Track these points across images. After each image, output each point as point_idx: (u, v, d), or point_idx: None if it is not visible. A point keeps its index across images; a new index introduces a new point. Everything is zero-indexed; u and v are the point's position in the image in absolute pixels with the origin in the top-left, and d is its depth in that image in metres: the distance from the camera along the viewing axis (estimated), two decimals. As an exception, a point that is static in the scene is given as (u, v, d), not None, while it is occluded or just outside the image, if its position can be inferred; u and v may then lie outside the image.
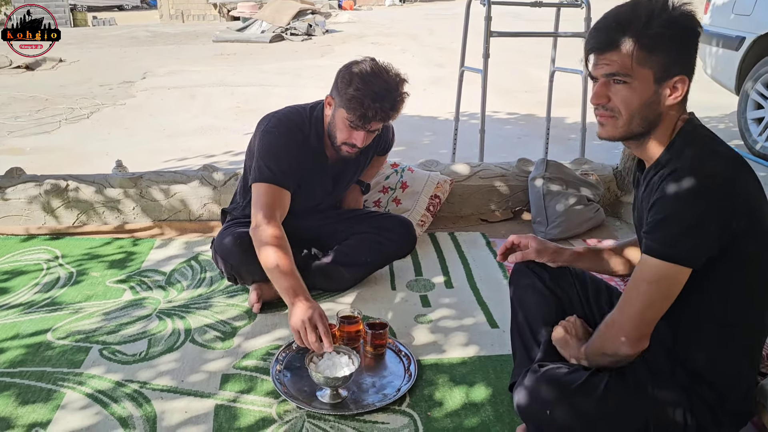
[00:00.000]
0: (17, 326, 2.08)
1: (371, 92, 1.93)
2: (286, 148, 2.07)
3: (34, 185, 2.84)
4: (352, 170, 2.36)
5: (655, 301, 1.27)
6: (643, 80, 1.26)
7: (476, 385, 1.78)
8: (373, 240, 2.32)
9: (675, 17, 1.24)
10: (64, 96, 6.97)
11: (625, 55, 1.25)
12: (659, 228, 1.23)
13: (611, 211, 3.12)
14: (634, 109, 1.28)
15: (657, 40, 1.23)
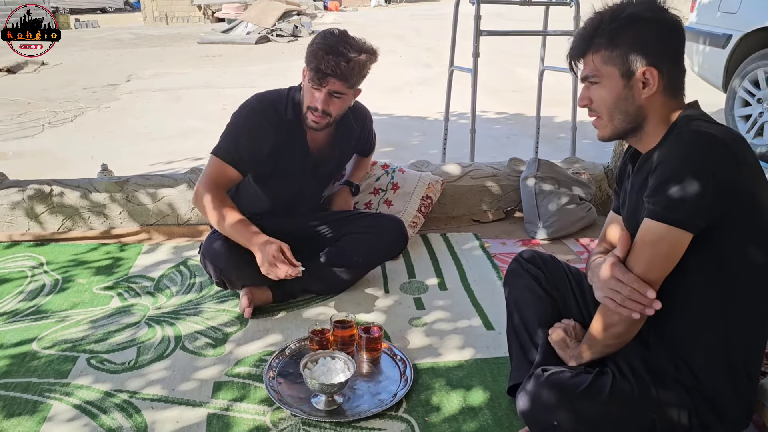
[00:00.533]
0: (1, 336, 2.02)
1: (327, 46, 1.97)
2: (249, 126, 2.09)
3: (17, 191, 2.78)
4: (332, 161, 2.32)
5: (656, 263, 1.27)
6: (610, 77, 1.32)
7: (473, 388, 1.76)
8: (365, 239, 2.28)
9: (630, 12, 1.30)
10: (47, 99, 6.87)
11: (592, 58, 1.33)
12: (660, 191, 1.24)
13: (603, 210, 3.11)
14: (609, 106, 1.34)
15: (614, 36, 1.30)
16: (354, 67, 1.99)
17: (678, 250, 1.25)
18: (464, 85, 3.75)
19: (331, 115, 2.06)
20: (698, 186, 1.19)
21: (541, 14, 3.69)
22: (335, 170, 2.42)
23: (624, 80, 1.31)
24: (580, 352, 1.48)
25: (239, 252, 2.00)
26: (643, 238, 1.28)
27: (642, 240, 1.29)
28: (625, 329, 1.34)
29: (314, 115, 2.05)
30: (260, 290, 2.17)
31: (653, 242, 1.27)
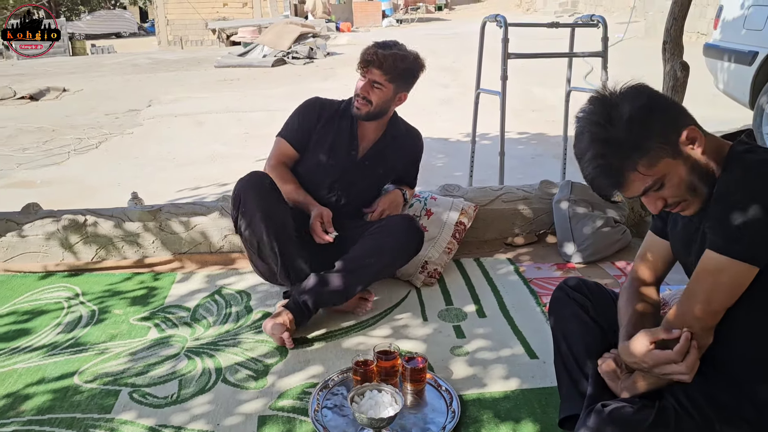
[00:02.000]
0: (42, 369, 2.02)
1: (375, 42, 2.34)
2: (296, 111, 2.49)
3: (52, 221, 2.80)
4: (377, 158, 2.46)
5: (718, 295, 1.25)
6: (669, 171, 1.25)
7: (523, 420, 1.72)
8: (374, 238, 2.28)
9: (629, 112, 1.23)
10: (71, 126, 6.95)
11: (639, 178, 1.25)
12: (723, 222, 1.21)
13: (636, 231, 3.07)
14: (686, 189, 1.28)
15: (636, 144, 1.23)
16: (390, 58, 2.27)
17: (741, 282, 1.23)
18: (485, 105, 3.74)
19: (372, 103, 2.32)
20: (763, 217, 1.16)
21: (562, 33, 3.69)
22: (378, 171, 2.49)
23: (679, 159, 1.25)
24: (633, 383, 1.44)
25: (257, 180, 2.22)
26: (706, 268, 1.26)
27: (704, 270, 1.26)
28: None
29: (357, 101, 2.34)
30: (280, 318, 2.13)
31: (714, 273, 1.24)
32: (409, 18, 25.14)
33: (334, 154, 2.41)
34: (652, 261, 1.57)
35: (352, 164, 2.43)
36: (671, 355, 1.27)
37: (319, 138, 2.41)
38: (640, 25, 13.94)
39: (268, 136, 6.26)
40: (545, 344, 2.08)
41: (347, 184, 2.44)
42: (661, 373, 1.31)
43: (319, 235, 2.25)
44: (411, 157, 2.60)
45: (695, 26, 11.10)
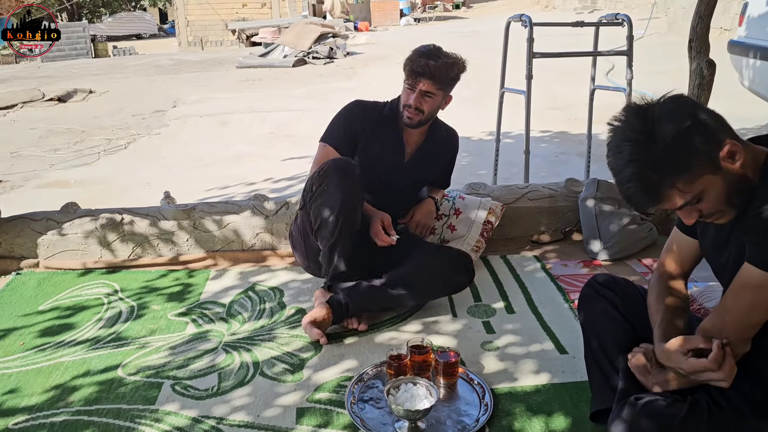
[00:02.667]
0: (87, 363, 2.10)
1: (420, 52, 2.32)
2: (340, 116, 2.46)
3: (90, 220, 2.89)
4: (422, 162, 2.51)
5: (756, 309, 1.28)
6: (708, 186, 1.25)
7: (554, 414, 1.76)
8: (429, 263, 2.31)
9: (675, 132, 1.22)
10: (100, 127, 7.10)
11: (678, 194, 1.25)
12: (764, 237, 1.23)
13: (662, 229, 3.08)
14: (723, 202, 1.28)
15: (681, 158, 1.22)
16: (441, 68, 2.29)
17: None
18: (507, 103, 3.77)
19: (424, 112, 2.35)
20: None
21: (582, 31, 3.70)
22: (422, 173, 2.55)
23: (719, 175, 1.25)
24: (666, 380, 1.47)
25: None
26: (745, 282, 1.28)
27: (743, 284, 1.29)
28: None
29: (408, 112, 2.35)
30: (320, 314, 2.18)
31: (756, 288, 1.26)
32: (427, 16, 25.10)
33: (382, 160, 2.44)
34: (679, 257, 1.60)
35: (399, 169, 2.48)
36: (707, 363, 1.30)
37: (366, 144, 2.42)
38: (662, 21, 13.82)
39: (292, 137, 6.38)
40: (574, 340, 2.11)
41: (393, 188, 2.49)
42: (698, 379, 1.34)
43: (382, 239, 2.29)
44: (450, 157, 2.65)
45: (718, 22, 10.99)
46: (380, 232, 2.30)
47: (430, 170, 2.58)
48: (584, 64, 3.93)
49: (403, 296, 2.28)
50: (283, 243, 2.92)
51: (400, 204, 2.58)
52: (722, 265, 1.43)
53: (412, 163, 2.50)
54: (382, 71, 10.18)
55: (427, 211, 2.58)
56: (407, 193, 2.59)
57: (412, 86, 2.32)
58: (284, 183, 4.61)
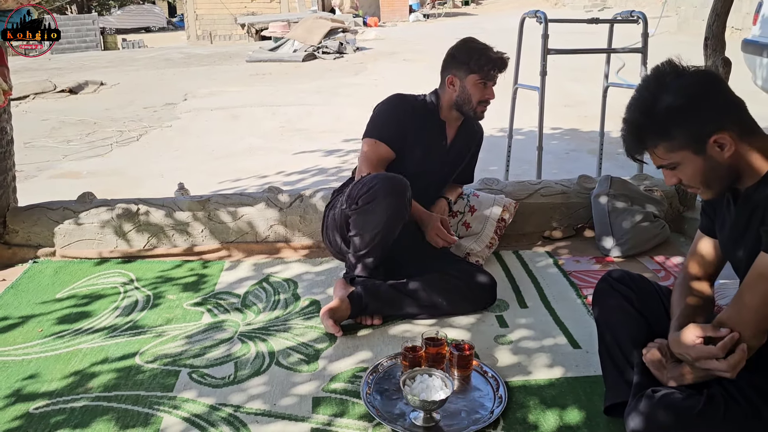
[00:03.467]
0: (105, 350, 2.12)
1: (489, 49, 2.37)
2: (387, 111, 2.45)
3: (106, 209, 2.91)
4: (459, 154, 2.58)
5: None
6: (685, 159, 1.34)
7: (568, 407, 1.77)
8: (455, 286, 2.30)
9: (666, 106, 1.31)
10: (112, 119, 7.14)
11: (654, 152, 1.36)
12: None
13: (674, 227, 3.09)
14: (701, 180, 1.36)
15: (662, 131, 1.33)
16: (507, 60, 2.41)
17: None
18: (518, 100, 3.78)
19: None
20: None
21: (594, 29, 3.70)
22: (455, 165, 2.61)
23: (700, 156, 1.32)
24: (681, 374, 1.48)
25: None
26: (761, 272, 1.29)
27: (759, 274, 1.30)
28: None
29: (483, 106, 2.42)
30: (339, 307, 2.20)
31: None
32: (436, 13, 25.05)
33: (431, 151, 2.48)
34: (702, 258, 1.61)
35: (442, 160, 2.53)
36: (714, 350, 1.31)
37: (417, 137, 2.43)
38: (672, 20, 13.75)
39: (303, 131, 6.40)
40: (587, 335, 2.12)
41: (432, 179, 2.54)
42: (703, 367, 1.36)
43: (445, 239, 2.37)
44: (475, 150, 2.70)
45: (730, 21, 10.89)
46: (442, 231, 2.37)
47: (465, 157, 2.63)
48: (596, 62, 3.94)
49: (424, 307, 2.28)
50: (297, 235, 2.94)
51: (431, 195, 2.61)
52: (739, 260, 1.44)
53: (450, 156, 2.56)
54: (392, 67, 10.18)
55: (441, 211, 2.59)
56: (441, 184, 2.64)
57: (488, 80, 2.37)
58: (296, 176, 4.64)
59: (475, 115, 2.44)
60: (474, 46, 2.38)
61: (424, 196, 2.49)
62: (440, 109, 2.47)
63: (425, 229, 2.41)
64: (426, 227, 2.41)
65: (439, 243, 2.39)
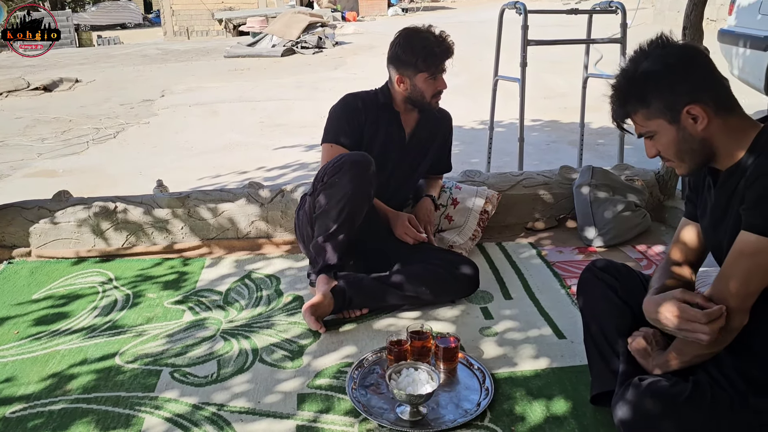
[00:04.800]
0: (83, 351, 2.08)
1: (432, 43, 2.31)
2: (339, 112, 2.44)
3: (83, 208, 2.85)
4: (421, 142, 2.54)
5: (754, 275, 1.30)
6: (661, 128, 1.38)
7: (555, 398, 1.77)
8: (438, 274, 2.28)
9: (643, 70, 1.36)
10: (87, 116, 7.01)
11: (637, 119, 1.41)
12: (760, 204, 1.26)
13: (655, 216, 3.11)
14: (675, 151, 1.39)
15: (640, 97, 1.37)
16: (452, 46, 2.35)
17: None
18: (498, 92, 3.77)
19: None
20: None
21: (573, 21, 3.70)
22: (420, 156, 2.56)
23: (674, 126, 1.36)
24: (667, 361, 1.48)
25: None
26: (742, 250, 1.30)
27: (740, 252, 1.30)
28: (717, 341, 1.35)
29: (438, 99, 2.40)
30: (321, 303, 2.18)
31: (753, 254, 1.28)
32: (415, 7, 25.04)
33: (389, 147, 2.46)
34: (685, 245, 1.61)
35: (402, 153, 2.50)
36: (699, 315, 1.31)
37: (372, 134, 2.43)
38: (648, 11, 13.87)
39: (283, 126, 6.35)
40: (572, 325, 2.13)
41: (400, 173, 2.51)
42: (681, 328, 1.33)
43: (414, 235, 2.38)
44: (445, 137, 2.65)
45: (705, 12, 11.02)
46: (410, 229, 2.38)
47: (428, 151, 2.58)
48: (574, 54, 3.93)
49: (408, 298, 2.27)
50: (278, 231, 2.91)
51: (403, 193, 2.60)
52: (718, 243, 1.44)
53: (411, 146, 2.52)
54: (372, 61, 10.12)
55: (427, 210, 2.58)
56: (409, 180, 2.59)
57: (436, 73, 2.33)
58: (277, 171, 4.59)
59: (430, 107, 2.42)
60: (417, 44, 2.31)
61: (388, 188, 2.47)
62: (393, 102, 2.45)
63: (393, 228, 2.41)
64: (393, 226, 2.41)
65: (408, 241, 2.38)
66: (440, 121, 2.60)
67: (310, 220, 2.33)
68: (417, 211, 2.55)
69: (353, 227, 2.22)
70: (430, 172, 2.70)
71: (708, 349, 1.38)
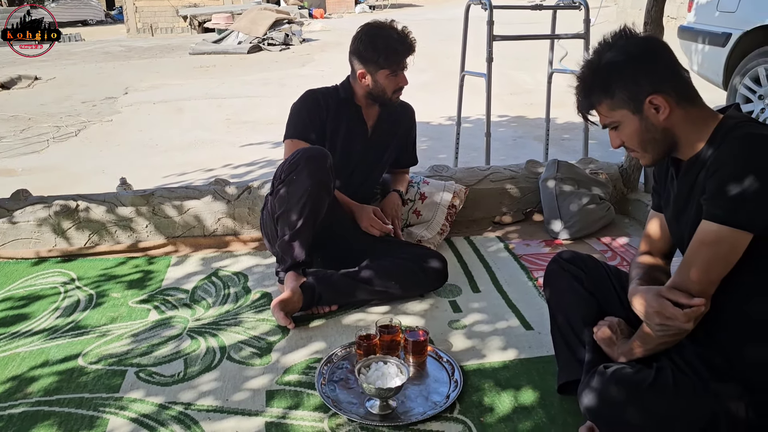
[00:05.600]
0: (45, 353, 2.03)
1: (395, 40, 2.31)
2: (299, 108, 2.43)
3: (43, 207, 2.78)
4: (387, 138, 2.53)
5: (715, 264, 1.32)
6: (624, 118, 1.40)
7: (523, 388, 1.79)
8: (408, 268, 2.29)
9: (606, 61, 1.39)
10: (48, 114, 6.83)
11: (601, 110, 1.43)
12: (720, 194, 1.28)
13: (619, 208, 3.16)
14: (638, 141, 1.42)
15: (604, 87, 1.39)
16: (414, 41, 2.36)
17: (738, 251, 1.30)
18: (465, 88, 3.80)
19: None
20: (761, 186, 1.23)
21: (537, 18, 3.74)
22: (384, 150, 2.55)
23: (637, 116, 1.38)
24: (631, 349, 1.51)
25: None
26: (703, 240, 1.33)
27: (701, 242, 1.33)
28: (681, 330, 1.38)
29: (399, 94, 2.41)
30: (290, 299, 2.16)
31: (713, 243, 1.31)
32: (382, 4, 24.98)
33: (349, 141, 2.45)
34: (654, 236, 1.64)
35: (365, 147, 2.49)
36: (679, 314, 1.33)
37: (333, 128, 2.43)
38: (611, 10, 14.09)
39: (250, 123, 6.29)
40: (539, 316, 2.15)
41: (364, 166, 2.51)
42: (661, 316, 1.35)
43: (380, 227, 2.38)
44: (409, 130, 2.65)
45: (665, 10, 11.25)
46: (375, 221, 2.38)
47: (391, 145, 2.58)
48: (539, 51, 3.96)
49: (378, 293, 2.27)
50: (245, 228, 2.88)
51: (368, 187, 2.59)
52: (681, 232, 1.47)
53: (374, 140, 2.51)
54: (340, 57, 10.03)
55: (394, 204, 2.58)
56: (373, 173, 2.58)
57: (398, 70, 2.33)
58: (244, 169, 4.54)
59: (391, 102, 2.43)
60: (379, 41, 2.31)
61: (352, 183, 2.47)
62: (355, 96, 2.44)
63: (359, 221, 2.41)
64: (359, 219, 2.41)
65: (375, 233, 2.39)
66: (402, 114, 2.60)
67: (273, 219, 2.31)
68: (384, 205, 2.55)
69: (317, 222, 2.21)
70: (395, 166, 2.69)
71: (671, 337, 1.41)
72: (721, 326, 1.41)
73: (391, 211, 2.55)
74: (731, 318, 1.40)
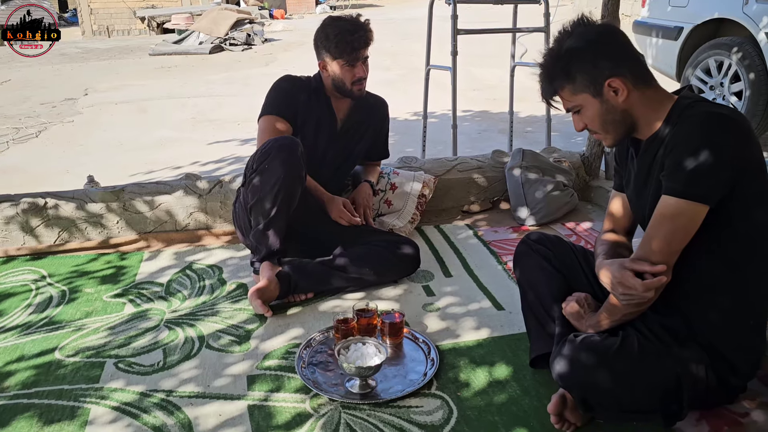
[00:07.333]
0: (20, 348, 2.01)
1: (346, 30, 2.33)
2: (277, 88, 2.48)
3: (10, 205, 2.75)
4: (358, 131, 2.57)
5: (675, 236, 1.41)
6: (586, 102, 1.48)
7: (497, 364, 1.86)
8: (381, 255, 2.34)
9: (567, 48, 1.46)
10: (4, 116, 6.67)
11: (563, 95, 1.51)
12: (679, 169, 1.36)
13: (582, 195, 3.27)
14: (600, 123, 1.50)
15: (565, 73, 1.47)
16: (371, 31, 2.38)
17: (696, 222, 1.39)
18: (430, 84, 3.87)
19: (366, 77, 2.43)
20: (716, 161, 1.32)
21: (498, 16, 3.85)
22: (354, 143, 2.58)
23: (597, 99, 1.46)
24: (598, 321, 1.59)
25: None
26: (663, 213, 1.41)
27: (662, 215, 1.41)
28: (645, 301, 1.46)
29: (361, 86, 2.42)
30: (267, 287, 2.19)
31: (673, 217, 1.39)
32: (343, 4, 24.99)
33: (320, 131, 2.48)
34: (616, 213, 1.72)
35: (334, 139, 2.52)
36: (638, 284, 1.41)
37: (305, 117, 2.46)
38: (568, 8, 14.39)
39: (216, 121, 6.25)
40: (509, 297, 2.23)
41: (334, 158, 2.53)
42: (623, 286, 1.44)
43: (348, 218, 2.42)
44: (381, 124, 2.68)
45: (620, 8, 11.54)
46: (344, 212, 2.42)
47: (362, 139, 2.61)
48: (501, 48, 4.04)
49: (353, 279, 2.31)
50: (218, 222, 2.89)
51: (339, 178, 2.62)
52: (642, 208, 1.56)
53: (344, 131, 2.55)
54: (304, 56, 10.04)
55: (365, 194, 2.62)
56: (343, 165, 2.62)
57: (355, 60, 2.35)
58: (213, 165, 4.53)
59: (353, 94, 2.44)
60: (331, 31, 2.35)
61: (322, 173, 2.49)
62: (325, 88, 2.48)
63: (329, 212, 2.45)
64: (329, 209, 2.45)
65: (343, 223, 2.43)
66: (374, 107, 2.64)
67: (246, 210, 2.33)
68: (355, 195, 2.59)
69: (290, 210, 2.24)
70: (367, 159, 2.74)
71: (635, 307, 1.49)
72: (682, 295, 1.50)
73: (363, 201, 2.59)
74: (691, 287, 1.49)
